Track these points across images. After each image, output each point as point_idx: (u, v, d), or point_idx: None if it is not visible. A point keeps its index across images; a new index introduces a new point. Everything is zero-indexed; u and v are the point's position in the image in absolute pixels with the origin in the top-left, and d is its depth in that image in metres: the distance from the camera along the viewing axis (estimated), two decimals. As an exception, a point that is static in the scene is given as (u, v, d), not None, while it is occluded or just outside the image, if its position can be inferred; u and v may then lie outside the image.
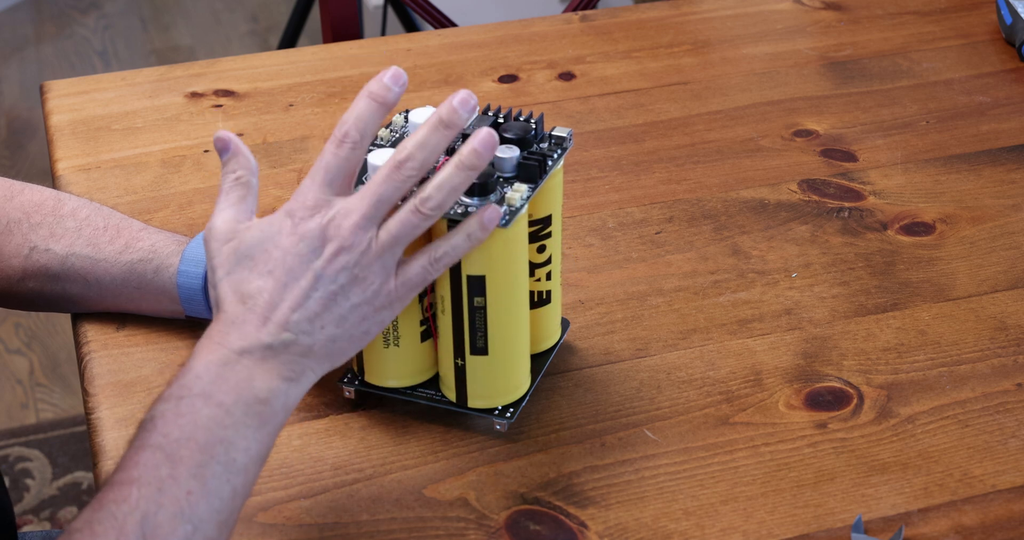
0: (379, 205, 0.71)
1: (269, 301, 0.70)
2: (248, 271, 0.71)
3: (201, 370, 0.69)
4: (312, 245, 0.71)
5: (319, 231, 0.71)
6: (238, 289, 0.71)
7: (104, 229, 0.89)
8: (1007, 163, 1.10)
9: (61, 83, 1.19)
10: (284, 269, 0.70)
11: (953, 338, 0.92)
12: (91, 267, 0.88)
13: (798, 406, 0.86)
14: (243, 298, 0.70)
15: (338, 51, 1.25)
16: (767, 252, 1.00)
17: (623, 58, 1.24)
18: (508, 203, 0.75)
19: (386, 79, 0.73)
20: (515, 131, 0.79)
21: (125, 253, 0.88)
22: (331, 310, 0.71)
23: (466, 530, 0.78)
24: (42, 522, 1.81)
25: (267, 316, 0.70)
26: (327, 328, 0.71)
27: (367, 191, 0.71)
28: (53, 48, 2.94)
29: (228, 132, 0.74)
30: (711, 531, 0.78)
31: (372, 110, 0.72)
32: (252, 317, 0.70)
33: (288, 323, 0.70)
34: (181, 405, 0.67)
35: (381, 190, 0.71)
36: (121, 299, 0.89)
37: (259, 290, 0.70)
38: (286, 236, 0.71)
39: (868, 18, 1.32)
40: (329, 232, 0.71)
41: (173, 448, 0.66)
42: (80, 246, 0.88)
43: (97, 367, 0.88)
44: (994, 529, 0.78)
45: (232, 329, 0.70)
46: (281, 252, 0.70)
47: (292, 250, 0.70)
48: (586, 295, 0.95)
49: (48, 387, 2.06)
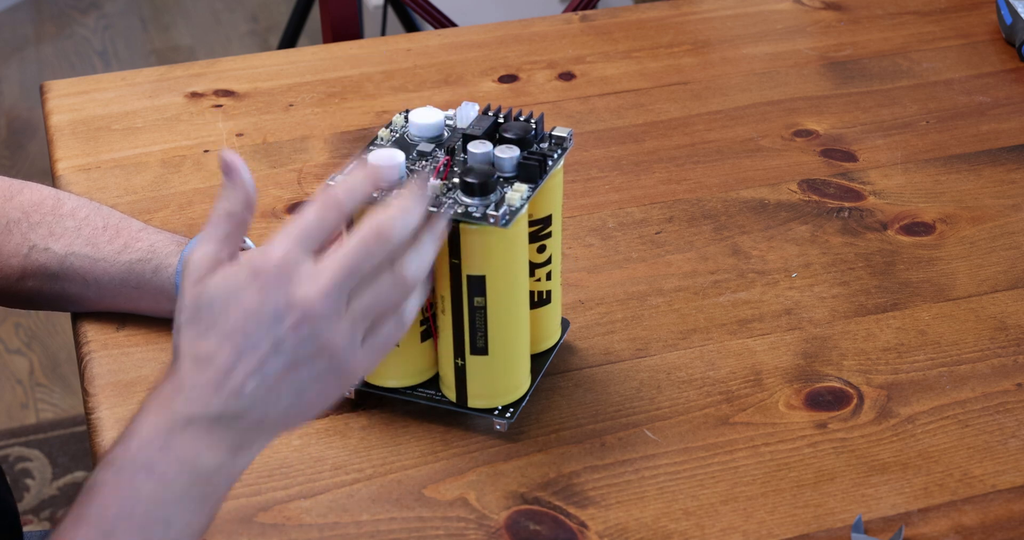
0: (352, 273, 0.65)
1: (223, 367, 0.64)
2: (205, 328, 0.64)
3: (146, 435, 0.64)
4: (276, 310, 0.64)
5: (284, 296, 0.64)
6: (192, 347, 0.64)
7: (103, 229, 0.89)
8: (1007, 163, 1.10)
9: (61, 83, 1.19)
10: (243, 333, 0.64)
11: (953, 338, 0.92)
12: (90, 267, 0.88)
13: (798, 406, 0.86)
14: (197, 359, 0.64)
15: (338, 51, 1.25)
16: (767, 252, 1.00)
17: (623, 58, 1.24)
18: (508, 203, 0.75)
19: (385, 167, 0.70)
20: (515, 131, 0.79)
21: (124, 253, 0.88)
22: (290, 381, 0.65)
23: (466, 530, 0.78)
24: (42, 522, 1.81)
25: (220, 383, 0.64)
26: (284, 399, 0.65)
27: (341, 256, 0.65)
28: (53, 48, 2.94)
29: (234, 155, 0.67)
30: (711, 531, 0.78)
31: (365, 183, 0.67)
32: (204, 382, 0.64)
33: (242, 393, 0.64)
34: (122, 477, 0.63)
35: (357, 256, 0.65)
36: (120, 299, 0.89)
37: (214, 353, 0.64)
38: (249, 296, 0.63)
39: (868, 18, 1.32)
40: (295, 297, 0.64)
41: (110, 526, 0.62)
42: (79, 245, 0.88)
43: (97, 367, 0.88)
44: (994, 529, 0.78)
45: (182, 392, 0.64)
46: (242, 314, 0.63)
47: (254, 313, 0.63)
48: (586, 295, 0.95)
49: (48, 387, 2.06)
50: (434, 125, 0.81)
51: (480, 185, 0.75)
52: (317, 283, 0.64)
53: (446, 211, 0.73)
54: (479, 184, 0.75)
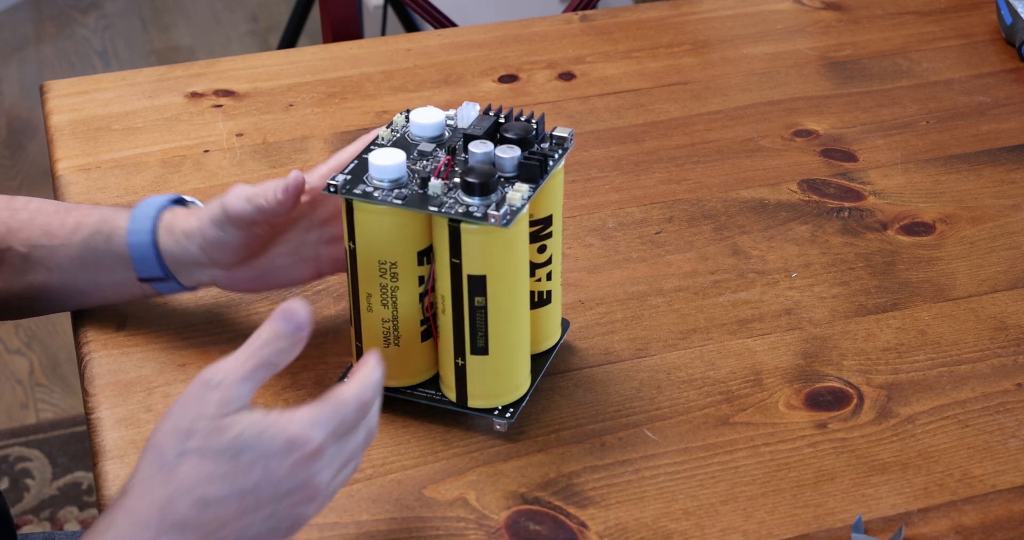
0: (352, 456, 0.70)
1: (221, 519, 0.65)
2: (223, 474, 0.64)
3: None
4: (292, 488, 0.66)
5: (305, 478, 0.66)
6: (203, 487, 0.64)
7: (55, 213, 0.88)
8: (1007, 163, 1.10)
9: (61, 83, 1.19)
10: (254, 498, 0.65)
11: (953, 338, 0.92)
12: (51, 255, 0.87)
13: (798, 406, 0.86)
14: (204, 501, 0.64)
15: (338, 51, 1.25)
16: (767, 252, 1.00)
17: (623, 58, 1.24)
18: (509, 203, 0.75)
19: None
20: (516, 131, 0.79)
21: (78, 232, 0.87)
22: (264, 535, 0.67)
23: (466, 530, 0.78)
24: (42, 522, 1.81)
25: (213, 532, 0.65)
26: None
27: (349, 447, 0.69)
28: (53, 48, 2.94)
29: (303, 310, 0.67)
30: (711, 531, 0.78)
31: (380, 380, 0.71)
32: (199, 528, 0.64)
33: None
34: None
35: (356, 444, 0.69)
36: (80, 280, 0.87)
37: (221, 502, 0.64)
38: (276, 467, 0.65)
39: (868, 18, 1.32)
40: (312, 481, 0.67)
41: None
42: (37, 236, 0.87)
43: (97, 367, 0.88)
44: (994, 529, 0.78)
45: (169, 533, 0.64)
46: (263, 481, 0.65)
47: (272, 486, 0.65)
48: (586, 295, 0.95)
49: (48, 387, 2.06)
50: (435, 125, 0.81)
51: (481, 185, 0.75)
52: (332, 468, 0.68)
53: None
54: (480, 184, 0.75)
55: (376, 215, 0.77)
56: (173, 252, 0.85)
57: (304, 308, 0.67)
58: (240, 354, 0.67)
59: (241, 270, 0.85)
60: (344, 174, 0.78)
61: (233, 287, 0.87)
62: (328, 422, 0.67)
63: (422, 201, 0.76)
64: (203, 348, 0.90)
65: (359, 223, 0.78)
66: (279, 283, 0.87)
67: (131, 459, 0.82)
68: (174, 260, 0.85)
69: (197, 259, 0.84)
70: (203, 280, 0.86)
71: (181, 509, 0.64)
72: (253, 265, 0.85)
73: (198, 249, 0.84)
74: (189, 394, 0.66)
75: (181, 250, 0.84)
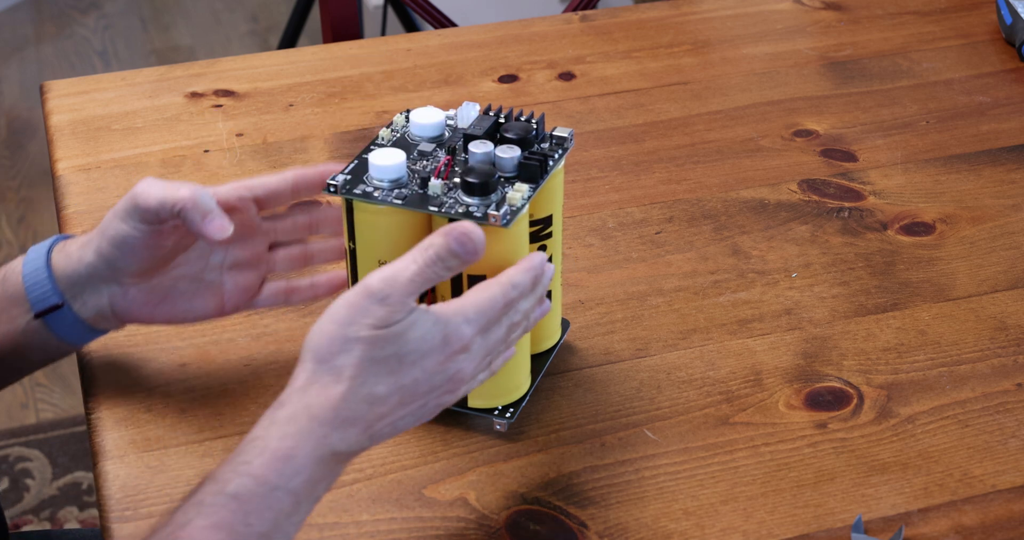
0: (493, 349, 0.75)
1: (381, 413, 0.70)
2: (387, 373, 0.70)
3: (302, 466, 0.68)
4: (442, 381, 0.72)
5: (453, 370, 0.72)
6: (369, 385, 0.70)
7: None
8: (1007, 163, 1.10)
9: (61, 83, 1.19)
10: (411, 393, 0.71)
11: (953, 338, 0.92)
12: None
13: (798, 406, 0.86)
14: (371, 399, 0.70)
15: (338, 51, 1.25)
16: (767, 252, 1.00)
17: (623, 58, 1.24)
18: (509, 203, 0.75)
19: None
20: (516, 131, 0.79)
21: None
22: (410, 424, 0.73)
23: (466, 530, 0.78)
24: (42, 522, 1.81)
25: (372, 425, 0.70)
26: (391, 435, 0.73)
27: (489, 340, 0.74)
28: (53, 48, 2.94)
29: (479, 234, 0.72)
30: (711, 531, 0.78)
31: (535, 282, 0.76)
32: (363, 422, 0.70)
33: (378, 434, 0.71)
34: (273, 496, 0.67)
35: (498, 339, 0.75)
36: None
37: (383, 399, 0.70)
38: (432, 362, 0.71)
39: (868, 18, 1.32)
40: (460, 373, 0.73)
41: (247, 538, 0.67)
42: None
43: (97, 367, 0.88)
44: (994, 529, 0.78)
45: (340, 428, 0.69)
46: (420, 375, 0.71)
47: (426, 379, 0.71)
48: (586, 295, 0.95)
49: (48, 387, 2.06)
50: (435, 125, 0.81)
51: (481, 185, 0.75)
52: (475, 360, 0.73)
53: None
54: (480, 184, 0.75)
55: (376, 215, 0.77)
56: (66, 270, 0.80)
57: (479, 231, 0.72)
58: (408, 266, 0.70)
59: (139, 289, 0.81)
60: (344, 174, 0.78)
61: (129, 311, 0.82)
62: (477, 319, 0.72)
63: (422, 201, 0.76)
64: (203, 348, 0.90)
65: (359, 223, 0.78)
66: (177, 313, 0.83)
67: (131, 459, 0.82)
68: (68, 280, 0.80)
69: (93, 270, 0.80)
70: (100, 304, 0.81)
71: (352, 406, 0.69)
72: (152, 284, 0.81)
73: (95, 256, 0.79)
74: (353, 303, 0.69)
75: (75, 263, 0.80)
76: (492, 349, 0.74)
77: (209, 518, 0.66)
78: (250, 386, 0.87)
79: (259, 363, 0.89)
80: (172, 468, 0.81)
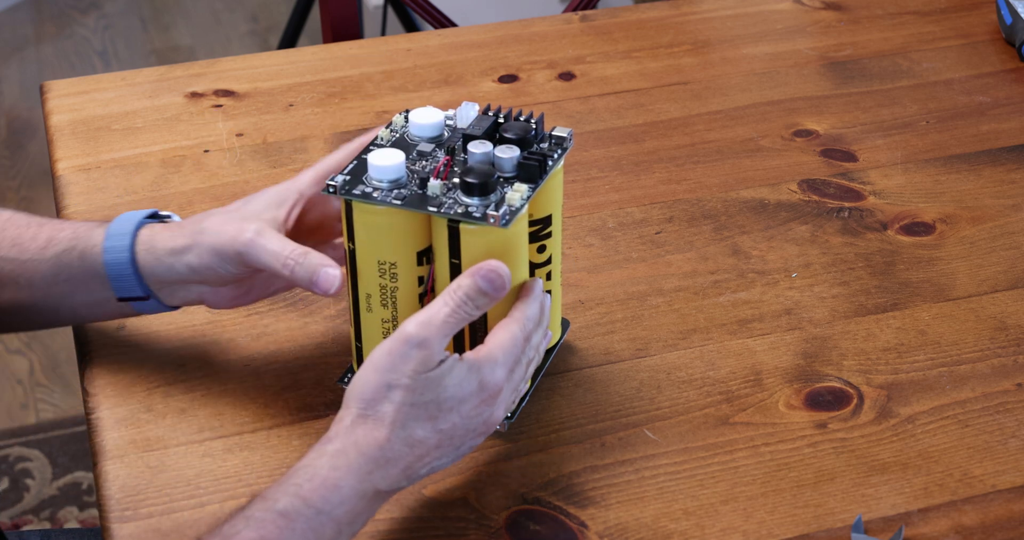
0: (518, 386, 0.78)
1: (421, 455, 0.73)
2: (427, 418, 0.73)
3: (347, 497, 0.71)
4: (479, 426, 0.75)
5: (489, 415, 0.75)
6: (410, 429, 0.73)
7: (27, 227, 0.85)
8: (1007, 163, 1.10)
9: (61, 83, 1.19)
10: (449, 436, 0.74)
11: (953, 338, 0.92)
12: (20, 269, 0.84)
13: (798, 406, 0.86)
14: (410, 442, 0.73)
15: (338, 51, 1.25)
16: (767, 252, 1.00)
17: (623, 58, 1.24)
18: (508, 203, 0.75)
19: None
20: (515, 131, 0.79)
21: (49, 247, 0.83)
22: (446, 464, 0.75)
23: (466, 530, 0.78)
24: (42, 522, 1.81)
25: (411, 467, 0.73)
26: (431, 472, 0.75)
27: (513, 381, 0.77)
28: (53, 48, 2.94)
29: (504, 271, 0.75)
30: (711, 531, 0.78)
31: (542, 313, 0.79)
32: (403, 463, 0.73)
33: (416, 475, 0.74)
34: (318, 520, 0.70)
35: (520, 377, 0.78)
36: (53, 297, 0.84)
37: (423, 442, 0.73)
38: (469, 408, 0.74)
39: (868, 18, 1.32)
40: (493, 418, 0.75)
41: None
42: (5, 249, 0.84)
43: (97, 367, 0.88)
44: (994, 529, 0.78)
45: (383, 467, 0.72)
46: (459, 420, 0.74)
47: (463, 424, 0.74)
48: (586, 295, 0.95)
49: (48, 387, 2.06)
50: (434, 125, 0.81)
51: (480, 185, 0.75)
52: (507, 401, 0.76)
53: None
54: (479, 184, 0.75)
55: (375, 216, 0.77)
56: (155, 271, 0.82)
57: (505, 268, 0.74)
58: (441, 310, 0.73)
59: (230, 287, 0.83)
60: (343, 175, 0.78)
61: (218, 305, 0.84)
62: (506, 361, 0.75)
63: (421, 201, 0.76)
64: (203, 348, 0.90)
65: (358, 224, 0.78)
66: (262, 295, 0.85)
67: (131, 459, 0.82)
68: (156, 279, 0.82)
69: (184, 277, 0.81)
70: (189, 298, 0.83)
71: (395, 447, 0.72)
72: (242, 285, 0.84)
73: (186, 269, 0.81)
74: (392, 350, 0.72)
75: (165, 268, 0.81)
76: (517, 386, 0.78)
77: (256, 531, 0.68)
78: (250, 386, 0.87)
79: (259, 363, 0.89)
80: (172, 468, 0.81)
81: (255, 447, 0.83)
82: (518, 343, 0.76)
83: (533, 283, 0.79)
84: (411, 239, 0.78)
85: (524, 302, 0.77)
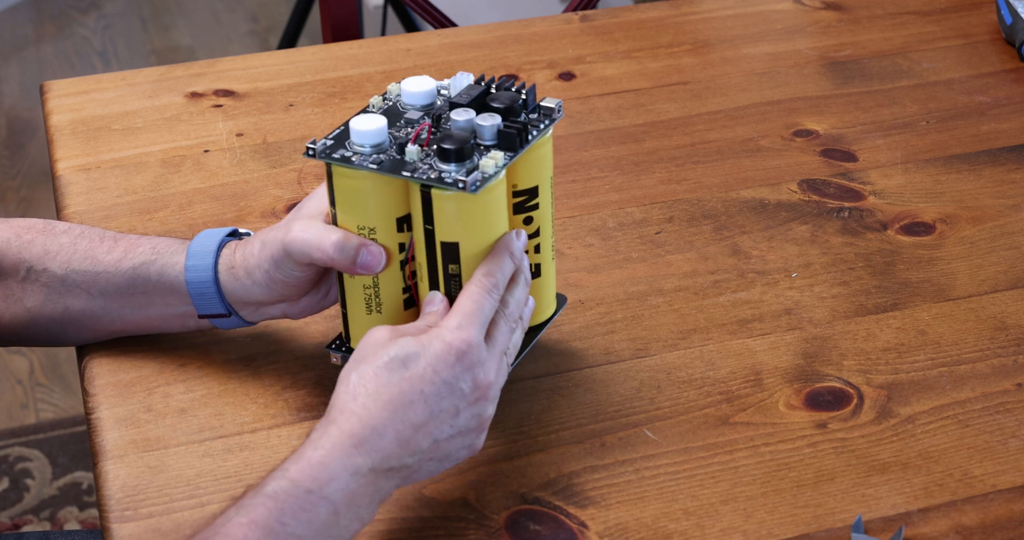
0: (506, 357, 0.78)
1: (415, 423, 0.73)
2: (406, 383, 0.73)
3: (336, 474, 0.71)
4: (464, 388, 0.74)
5: (472, 377, 0.74)
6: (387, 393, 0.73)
7: (101, 240, 0.86)
8: (1007, 163, 1.10)
9: (61, 83, 1.19)
10: (437, 397, 0.73)
11: (953, 338, 0.92)
12: (92, 281, 0.85)
13: (798, 406, 0.86)
14: (391, 406, 0.72)
15: (338, 51, 1.25)
16: (767, 252, 1.00)
17: (623, 58, 1.24)
18: (481, 169, 0.75)
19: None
20: (502, 101, 0.79)
21: (125, 260, 0.85)
22: (450, 445, 0.75)
23: (466, 530, 0.78)
24: (42, 522, 1.81)
25: (408, 438, 0.72)
26: (437, 462, 0.75)
27: (497, 345, 0.76)
28: (53, 48, 2.94)
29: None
30: (711, 531, 0.78)
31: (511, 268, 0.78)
32: (391, 431, 0.72)
33: (417, 449, 0.73)
34: (308, 499, 0.70)
35: (505, 340, 0.77)
36: (127, 309, 0.86)
37: (407, 407, 0.73)
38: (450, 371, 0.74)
39: (868, 18, 1.32)
40: (478, 379, 0.75)
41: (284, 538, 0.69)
42: (78, 261, 0.85)
43: (97, 367, 0.88)
44: (994, 529, 0.78)
45: (369, 439, 0.72)
46: (443, 383, 0.73)
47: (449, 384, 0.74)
48: (586, 295, 0.95)
49: (48, 387, 2.06)
50: (425, 93, 0.81)
51: (456, 151, 0.75)
52: (491, 368, 0.75)
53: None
54: (455, 150, 0.75)
55: (353, 180, 0.77)
56: (236, 292, 0.83)
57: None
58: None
59: (307, 297, 0.84)
60: (327, 139, 0.78)
61: (301, 314, 0.85)
62: (471, 319, 0.75)
63: (398, 166, 0.76)
64: (203, 348, 0.90)
65: (337, 187, 0.78)
66: (333, 300, 0.85)
67: (131, 459, 0.82)
68: (237, 299, 0.83)
69: (262, 299, 0.83)
70: (272, 313, 0.85)
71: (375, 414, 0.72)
72: (318, 289, 0.84)
73: (262, 290, 0.82)
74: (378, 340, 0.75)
75: (244, 290, 0.82)
76: (504, 348, 0.77)
77: (247, 515, 0.68)
78: (250, 386, 0.87)
79: (259, 363, 0.89)
80: (172, 468, 0.81)
81: (255, 447, 0.83)
82: (482, 303, 0.76)
83: (504, 237, 0.78)
84: (390, 204, 0.78)
85: (487, 259, 0.77)
